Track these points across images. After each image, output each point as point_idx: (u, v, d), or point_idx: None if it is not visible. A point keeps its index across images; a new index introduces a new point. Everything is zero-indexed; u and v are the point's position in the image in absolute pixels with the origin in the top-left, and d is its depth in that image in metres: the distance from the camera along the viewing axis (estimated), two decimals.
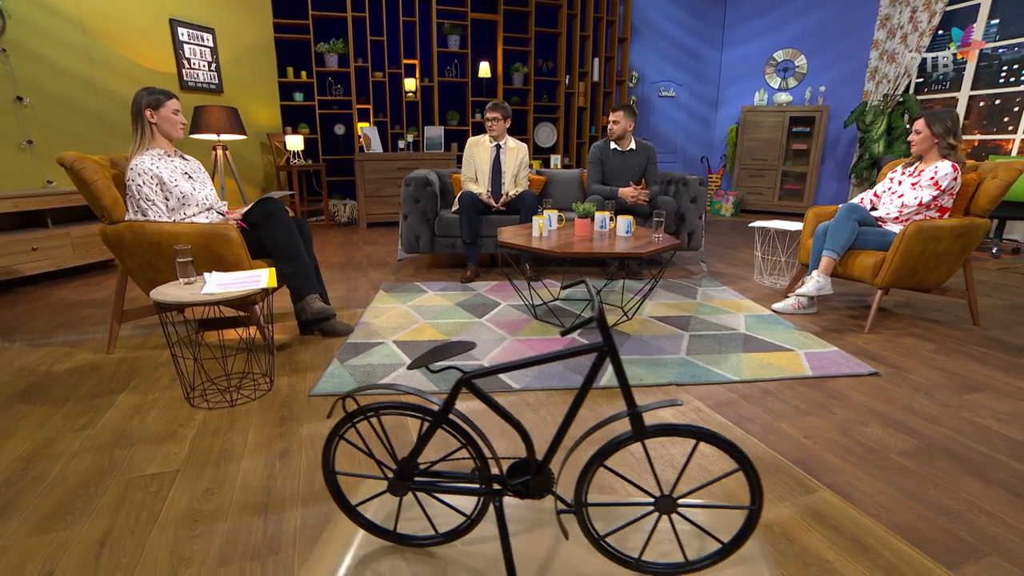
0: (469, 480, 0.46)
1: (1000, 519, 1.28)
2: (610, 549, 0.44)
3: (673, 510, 0.45)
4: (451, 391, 0.46)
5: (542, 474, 0.45)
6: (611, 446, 0.46)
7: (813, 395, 1.92)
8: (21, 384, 1.96)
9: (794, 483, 1.41)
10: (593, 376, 0.47)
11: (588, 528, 0.45)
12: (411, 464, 0.47)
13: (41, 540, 1.20)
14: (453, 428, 0.45)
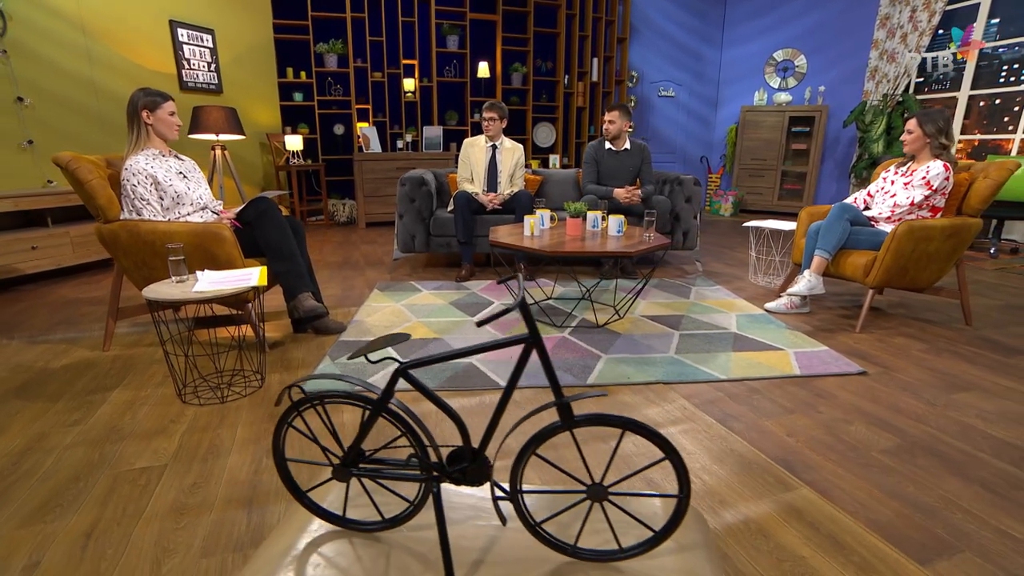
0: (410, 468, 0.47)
1: (976, 516, 1.29)
2: (546, 535, 0.46)
3: (604, 498, 0.47)
4: (389, 381, 0.47)
5: (478, 462, 0.47)
6: (541, 435, 0.48)
7: (800, 394, 1.93)
8: (18, 380, 1.99)
9: (774, 480, 1.42)
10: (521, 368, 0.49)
11: (524, 515, 0.46)
12: (355, 451, 0.48)
13: (29, 532, 1.22)
14: (393, 417, 0.46)
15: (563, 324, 2.56)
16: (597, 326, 2.55)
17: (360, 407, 0.46)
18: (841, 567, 1.13)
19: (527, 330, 0.48)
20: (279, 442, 0.51)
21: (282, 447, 0.51)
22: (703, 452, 1.55)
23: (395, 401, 0.45)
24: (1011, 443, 1.61)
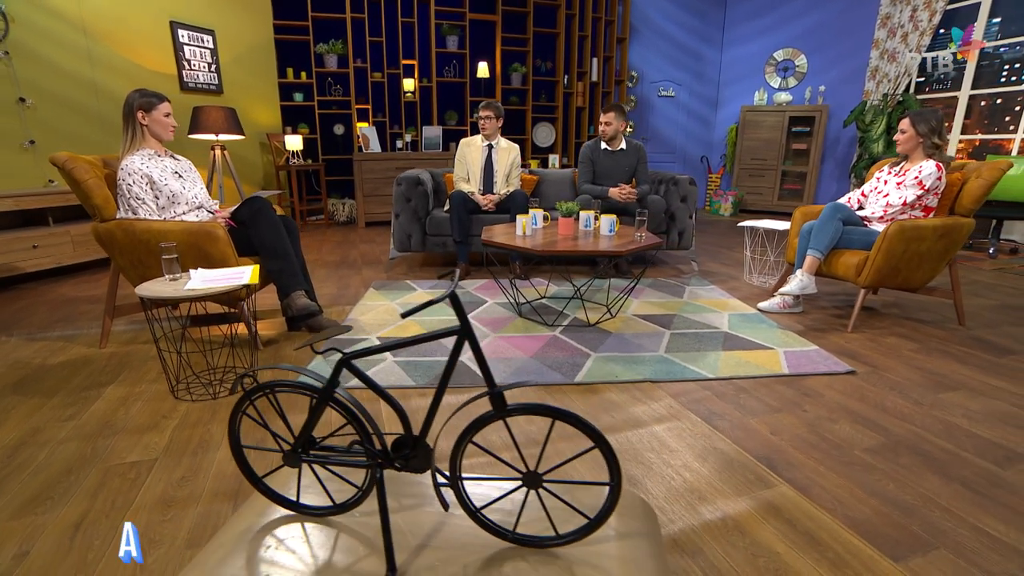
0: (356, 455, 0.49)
1: (954, 514, 1.30)
2: (486, 521, 0.48)
3: (539, 485, 0.48)
4: (333, 371, 0.49)
5: (419, 449, 0.49)
6: (476, 424, 0.49)
7: (787, 393, 1.93)
8: (15, 376, 2.03)
9: (754, 478, 1.43)
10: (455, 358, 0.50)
11: (464, 500, 0.48)
12: (303, 438, 0.50)
13: (20, 523, 1.25)
14: (339, 406, 0.48)
15: (554, 323, 2.57)
16: (588, 325, 2.56)
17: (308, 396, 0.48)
18: (815, 563, 1.14)
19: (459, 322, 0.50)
20: (234, 430, 0.53)
21: (238, 434, 0.53)
22: (686, 450, 1.56)
23: (341, 391, 0.47)
24: (995, 442, 1.62)
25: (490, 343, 2.34)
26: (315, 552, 0.47)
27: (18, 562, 1.13)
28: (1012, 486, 1.41)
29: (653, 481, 1.41)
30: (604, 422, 1.71)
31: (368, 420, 0.47)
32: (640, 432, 1.65)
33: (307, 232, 5.33)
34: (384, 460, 0.47)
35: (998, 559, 1.15)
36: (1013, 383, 2.02)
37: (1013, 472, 1.47)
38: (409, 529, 0.49)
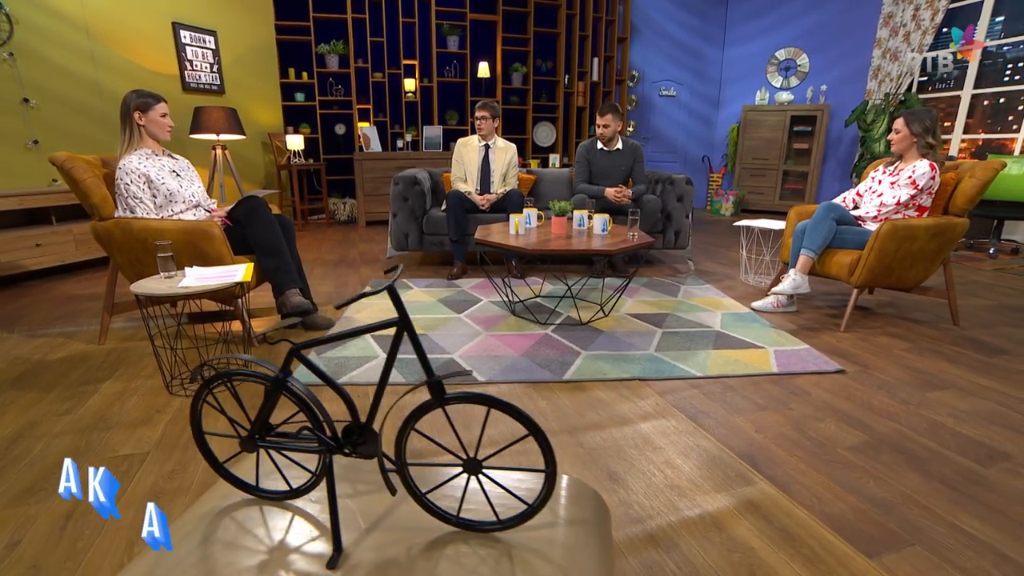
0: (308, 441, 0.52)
1: (932, 512, 1.30)
2: (431, 505, 0.50)
3: (479, 471, 0.50)
4: (284, 360, 0.52)
5: (366, 435, 0.51)
6: (417, 412, 0.51)
7: (775, 391, 1.94)
8: (15, 371, 2.07)
9: (735, 475, 1.45)
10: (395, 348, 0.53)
11: (410, 485, 0.50)
12: (259, 425, 0.53)
13: (14, 512, 1.28)
14: (291, 394, 0.50)
15: (546, 321, 2.59)
16: (581, 324, 2.58)
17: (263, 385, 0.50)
18: (789, 559, 1.15)
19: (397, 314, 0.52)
20: (196, 417, 0.55)
21: (199, 421, 0.55)
22: (670, 446, 1.58)
23: (293, 380, 0.49)
24: (978, 441, 1.62)
25: (482, 341, 2.36)
26: (270, 534, 0.50)
27: (10, 551, 1.17)
28: (992, 484, 1.41)
29: (634, 477, 1.43)
30: (590, 419, 1.72)
31: (319, 408, 0.50)
32: (625, 429, 1.66)
33: (308, 231, 5.37)
34: (334, 447, 0.50)
35: (972, 556, 1.16)
36: (1002, 383, 2.02)
37: (994, 471, 1.47)
38: (361, 513, 0.52)
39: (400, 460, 0.50)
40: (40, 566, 1.12)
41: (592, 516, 0.55)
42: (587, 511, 0.56)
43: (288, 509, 0.52)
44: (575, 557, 0.49)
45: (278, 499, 0.54)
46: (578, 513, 0.55)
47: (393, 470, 0.50)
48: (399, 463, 0.50)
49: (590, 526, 0.54)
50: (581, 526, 0.53)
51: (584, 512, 0.55)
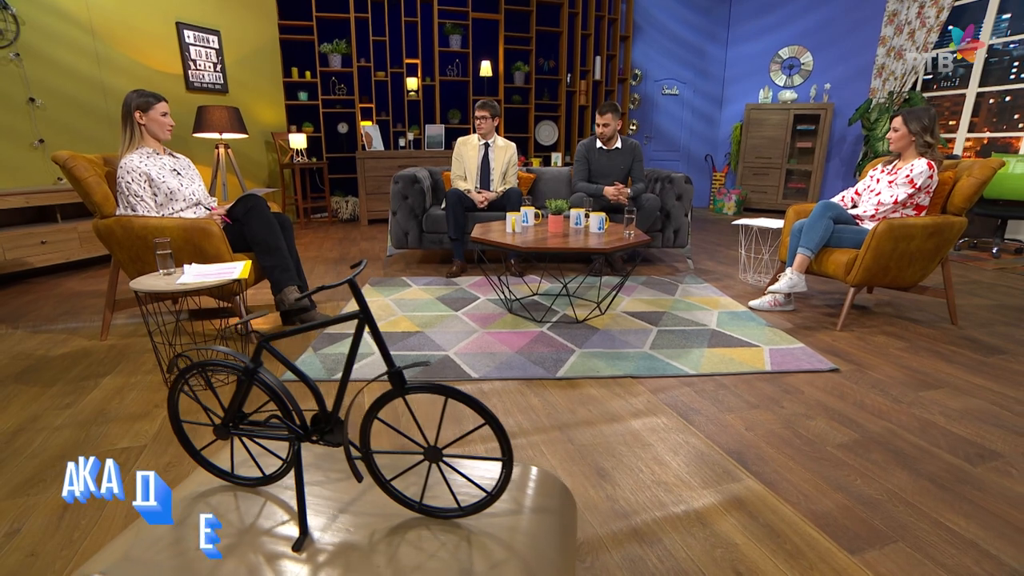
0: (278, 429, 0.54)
1: (918, 509, 1.31)
2: (395, 492, 0.51)
3: (439, 459, 0.52)
4: (254, 352, 0.54)
5: (333, 424, 0.53)
6: (379, 401, 0.53)
7: (767, 390, 1.95)
8: (18, 366, 2.11)
9: (723, 472, 1.46)
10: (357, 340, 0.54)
11: (375, 472, 0.52)
12: (232, 413, 0.55)
13: (14, 503, 1.31)
14: (262, 384, 0.52)
15: (542, 319, 2.61)
16: (577, 321, 2.59)
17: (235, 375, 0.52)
18: (771, 554, 1.16)
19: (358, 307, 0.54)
20: (173, 405, 0.57)
21: (176, 410, 0.57)
22: (659, 443, 1.59)
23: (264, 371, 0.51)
24: (969, 439, 1.62)
25: (478, 338, 2.38)
26: (242, 518, 0.52)
27: (9, 539, 1.20)
28: (980, 482, 1.41)
29: (621, 473, 1.44)
30: (581, 416, 1.74)
31: (288, 398, 0.52)
32: (615, 426, 1.68)
33: (311, 229, 5.40)
34: (302, 435, 0.52)
35: (954, 552, 1.17)
36: (997, 382, 2.02)
37: (983, 469, 1.48)
38: (330, 499, 0.54)
39: (365, 448, 0.52)
40: (38, 554, 1.15)
41: (556, 506, 0.57)
42: (552, 501, 0.57)
43: (261, 495, 0.55)
44: (535, 544, 0.50)
45: (251, 485, 0.56)
46: (543, 503, 0.56)
47: (359, 457, 0.52)
48: (364, 451, 0.52)
49: (553, 515, 0.55)
50: (544, 515, 0.55)
51: (549, 502, 0.57)
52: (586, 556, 1.15)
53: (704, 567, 1.12)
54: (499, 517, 0.52)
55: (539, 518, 0.53)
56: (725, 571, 1.11)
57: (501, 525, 0.51)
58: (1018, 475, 1.45)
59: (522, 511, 0.54)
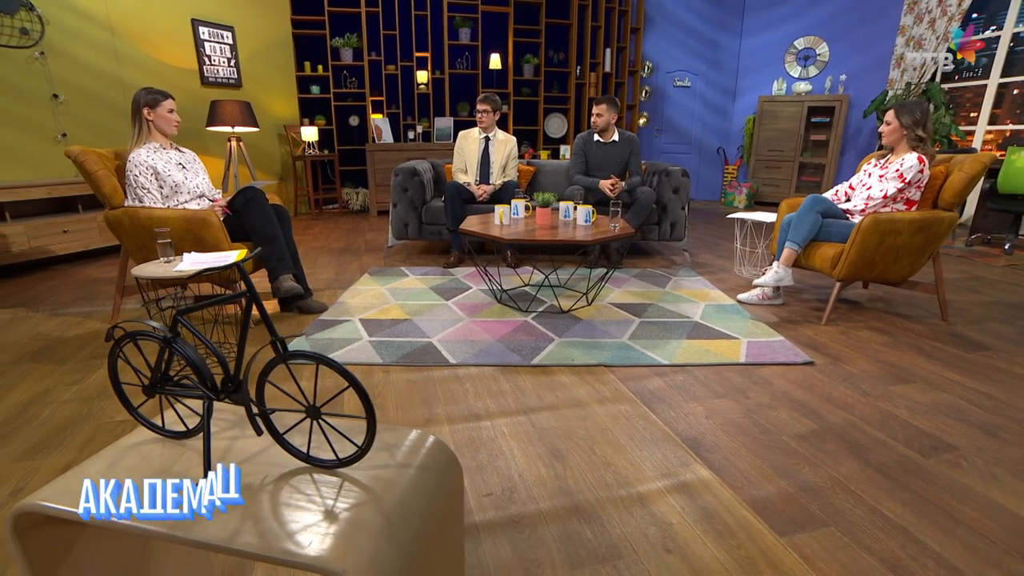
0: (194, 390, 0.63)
1: (857, 497, 1.35)
2: (288, 444, 0.60)
3: (318, 417, 0.61)
4: (171, 323, 0.63)
5: (236, 385, 0.62)
6: (267, 367, 0.61)
7: (736, 380, 1.99)
8: (34, 346, 2.28)
9: (674, 457, 1.51)
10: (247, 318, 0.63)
11: (271, 427, 0.61)
12: (156, 376, 0.65)
13: (20, 466, 1.46)
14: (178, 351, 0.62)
15: (528, 309, 2.68)
16: (562, 312, 2.66)
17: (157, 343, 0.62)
18: (702, 533, 1.22)
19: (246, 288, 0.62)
20: (112, 369, 0.68)
21: (116, 373, 0.68)
22: (617, 429, 1.65)
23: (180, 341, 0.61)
24: (928, 432, 1.64)
25: (463, 326, 2.46)
26: (163, 463, 0.62)
27: (13, 496, 1.34)
28: (927, 474, 1.44)
29: (576, 454, 1.51)
30: (547, 401, 1.81)
31: (200, 364, 0.61)
32: (577, 411, 1.75)
33: (321, 220, 5.56)
34: (212, 395, 0.61)
35: (882, 537, 1.21)
36: (971, 378, 2.02)
37: (934, 461, 1.50)
38: (238, 450, 0.64)
39: (261, 406, 0.61)
40: None
41: (435, 466, 0.65)
42: (432, 463, 0.65)
43: (184, 445, 0.65)
44: (399, 493, 0.58)
45: (177, 438, 0.66)
46: (422, 462, 0.64)
47: (258, 414, 0.61)
48: (261, 409, 0.61)
49: (429, 473, 0.63)
50: (419, 471, 0.63)
51: (428, 462, 0.65)
52: (525, 528, 1.23)
53: (634, 542, 1.19)
54: (377, 470, 0.60)
55: (412, 474, 0.62)
56: (654, 547, 1.18)
57: (376, 476, 0.60)
58: (968, 467, 1.48)
59: (399, 467, 0.62)
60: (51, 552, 0.65)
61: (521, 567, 1.12)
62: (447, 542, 0.67)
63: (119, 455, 0.67)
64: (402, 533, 0.54)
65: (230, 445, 0.68)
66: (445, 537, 0.66)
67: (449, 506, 0.64)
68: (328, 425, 0.61)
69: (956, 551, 1.17)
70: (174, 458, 0.62)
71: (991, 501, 1.34)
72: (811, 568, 1.12)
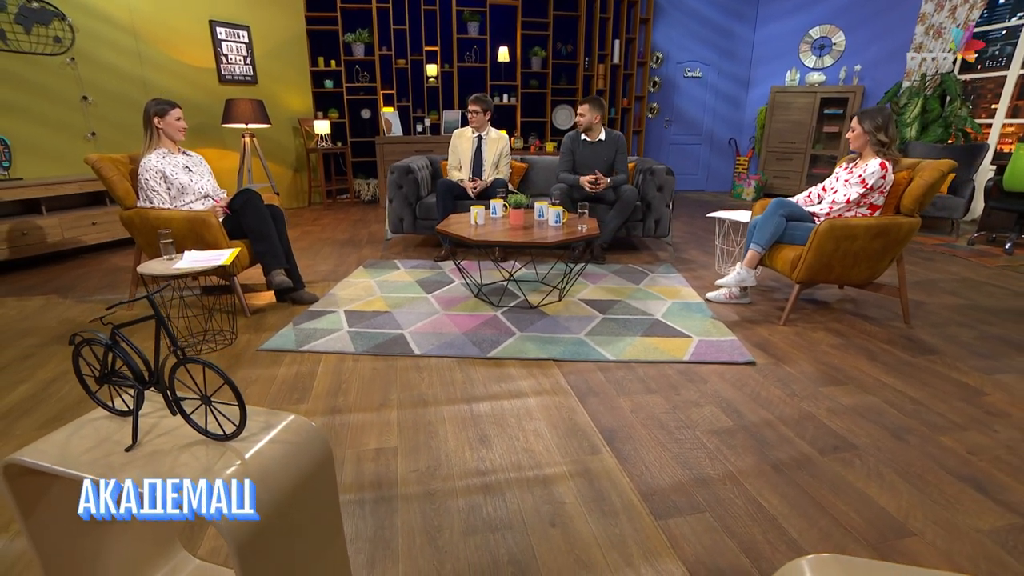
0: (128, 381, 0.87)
1: (743, 488, 1.50)
2: (192, 423, 0.83)
3: (210, 404, 0.83)
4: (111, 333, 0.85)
5: (157, 378, 0.84)
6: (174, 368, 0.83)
7: (674, 378, 2.13)
8: (63, 330, 2.60)
9: (587, 446, 1.69)
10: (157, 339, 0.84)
11: (181, 410, 0.84)
12: (103, 371, 0.88)
13: (40, 432, 1.75)
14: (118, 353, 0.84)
15: (499, 303, 2.86)
16: (531, 307, 2.83)
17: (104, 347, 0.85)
18: (588, 512, 1.40)
19: None
20: (76, 366, 0.91)
21: (79, 368, 0.91)
22: (544, 419, 1.84)
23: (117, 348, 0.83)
24: (837, 433, 1.77)
25: (436, 319, 2.67)
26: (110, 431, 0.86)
27: None
28: (818, 470, 1.58)
29: (500, 440, 1.71)
30: (491, 391, 2.01)
31: (131, 363, 0.84)
32: (515, 402, 1.94)
33: (331, 211, 5.84)
34: (140, 386, 0.84)
35: (749, 524, 1.37)
36: (905, 382, 2.10)
37: (829, 459, 1.63)
38: (163, 426, 0.87)
39: (173, 395, 0.84)
40: None
41: (302, 443, 0.86)
42: (300, 440, 0.86)
43: (126, 421, 0.89)
44: (265, 462, 0.80)
45: (122, 416, 0.90)
46: (290, 439, 0.86)
47: (171, 400, 0.84)
48: (173, 397, 0.83)
49: (293, 447, 0.85)
50: (285, 446, 0.84)
51: (296, 439, 0.86)
52: (437, 500, 1.44)
53: (526, 516, 1.38)
54: (251, 443, 0.82)
55: (277, 446, 0.83)
56: (542, 521, 1.37)
57: (248, 447, 0.82)
58: (859, 466, 1.60)
59: (270, 442, 0.84)
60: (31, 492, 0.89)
61: (424, 531, 1.34)
62: (315, 500, 0.88)
63: (80, 426, 0.90)
64: (260, 488, 0.76)
65: (157, 422, 0.91)
66: (312, 495, 0.87)
67: (312, 471, 0.86)
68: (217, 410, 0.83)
69: (811, 538, 1.32)
70: (118, 428, 0.86)
71: (865, 497, 1.47)
72: (673, 547, 1.30)
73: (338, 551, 1.00)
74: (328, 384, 2.07)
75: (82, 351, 0.92)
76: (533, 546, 1.29)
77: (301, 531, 0.87)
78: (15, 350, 2.38)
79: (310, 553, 0.90)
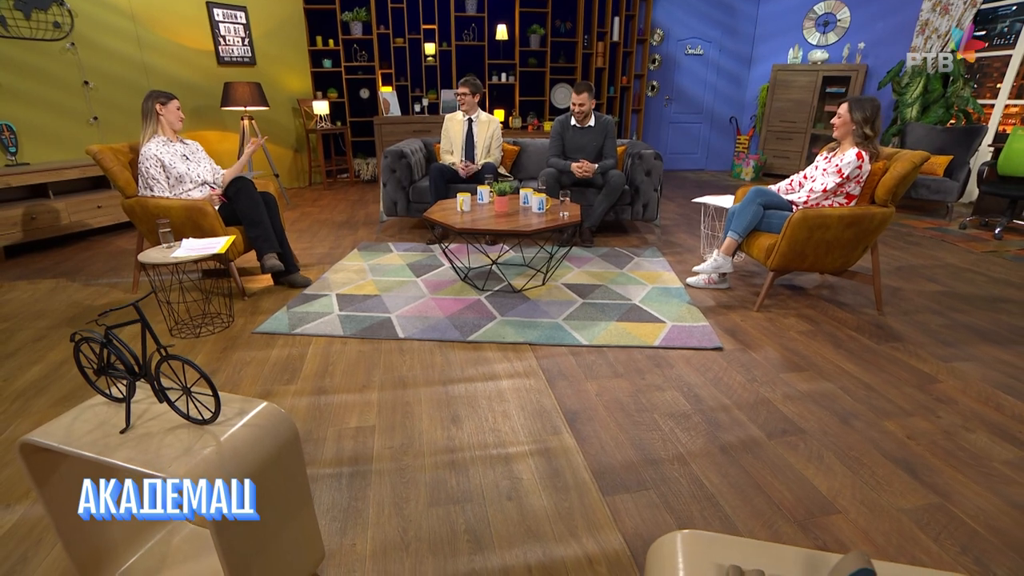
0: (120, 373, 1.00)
1: (688, 468, 1.63)
2: (176, 408, 0.96)
3: (189, 393, 0.96)
4: (105, 333, 0.98)
5: (145, 371, 0.97)
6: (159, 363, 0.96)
7: (642, 363, 2.25)
8: (70, 312, 2.76)
9: (551, 427, 1.82)
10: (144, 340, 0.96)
11: (168, 399, 0.97)
12: (100, 363, 1.01)
13: (53, 410, 1.91)
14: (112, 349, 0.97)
15: (483, 287, 2.98)
16: (514, 291, 2.94)
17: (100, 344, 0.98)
18: (543, 487, 1.54)
19: None
20: (77, 359, 1.03)
21: (79, 361, 1.04)
22: (514, 400, 1.97)
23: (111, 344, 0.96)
24: (787, 418, 1.88)
25: (422, 303, 2.80)
26: (107, 418, 1.00)
27: None
28: (762, 453, 1.70)
29: (470, 420, 1.85)
30: (467, 374, 2.14)
31: (123, 358, 0.96)
32: (487, 384, 2.07)
33: (331, 191, 5.93)
34: (131, 377, 0.97)
35: (689, 501, 1.50)
36: (865, 369, 2.20)
37: (776, 443, 1.75)
38: (152, 412, 1.01)
39: (159, 385, 0.97)
40: None
41: (270, 426, 0.99)
42: (268, 424, 1.00)
43: (121, 406, 1.02)
44: (236, 443, 0.93)
45: (118, 402, 1.04)
46: (259, 423, 0.99)
47: (159, 390, 0.97)
48: (159, 387, 0.96)
49: (260, 430, 0.98)
50: (254, 429, 0.97)
51: (264, 423, 0.99)
52: (407, 474, 1.59)
53: (486, 490, 1.53)
54: (231, 428, 0.96)
55: (247, 429, 0.97)
56: (500, 495, 1.51)
57: (223, 430, 0.95)
58: (803, 449, 1.72)
59: (242, 426, 0.97)
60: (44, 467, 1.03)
61: (393, 503, 1.48)
62: (283, 474, 1.02)
63: (82, 411, 1.04)
64: (229, 464, 0.89)
65: (147, 408, 1.04)
66: (280, 471, 1.01)
67: (280, 450, 1.00)
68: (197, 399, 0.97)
69: (742, 514, 1.45)
70: (114, 414, 0.99)
71: (802, 478, 1.59)
72: (615, 520, 1.43)
73: (307, 518, 1.15)
74: (316, 366, 2.21)
75: (81, 347, 1.05)
76: (489, 517, 1.43)
77: (271, 500, 1.01)
78: (29, 331, 2.54)
79: (280, 519, 1.05)
